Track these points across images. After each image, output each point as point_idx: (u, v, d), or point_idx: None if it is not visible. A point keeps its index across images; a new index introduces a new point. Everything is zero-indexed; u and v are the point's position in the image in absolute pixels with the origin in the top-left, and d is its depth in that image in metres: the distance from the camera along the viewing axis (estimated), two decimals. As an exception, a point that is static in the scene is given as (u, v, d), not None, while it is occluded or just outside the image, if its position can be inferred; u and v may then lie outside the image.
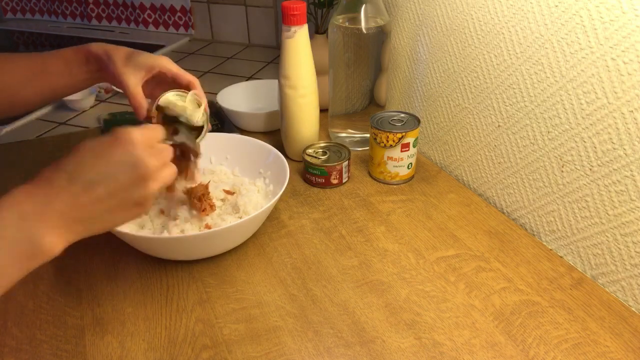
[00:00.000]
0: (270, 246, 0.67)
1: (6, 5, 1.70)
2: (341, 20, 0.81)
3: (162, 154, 0.48)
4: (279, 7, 1.20)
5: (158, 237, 0.60)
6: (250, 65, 1.33)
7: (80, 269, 0.64)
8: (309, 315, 0.57)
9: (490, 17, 0.68)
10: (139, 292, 0.61)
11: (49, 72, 0.65)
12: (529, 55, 0.63)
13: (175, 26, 1.54)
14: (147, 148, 0.46)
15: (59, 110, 1.09)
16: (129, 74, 0.60)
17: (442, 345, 0.53)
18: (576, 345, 0.53)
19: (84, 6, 1.60)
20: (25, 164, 0.88)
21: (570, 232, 0.64)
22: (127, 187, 0.44)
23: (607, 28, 0.53)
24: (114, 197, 0.44)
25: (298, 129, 0.83)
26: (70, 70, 0.64)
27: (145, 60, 0.61)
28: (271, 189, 0.72)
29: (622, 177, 0.56)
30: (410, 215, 0.73)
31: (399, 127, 0.77)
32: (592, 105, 0.57)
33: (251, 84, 1.04)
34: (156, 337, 0.55)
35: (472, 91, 0.75)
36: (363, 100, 0.87)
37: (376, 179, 0.81)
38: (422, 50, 0.83)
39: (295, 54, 0.77)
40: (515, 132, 0.69)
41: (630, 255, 0.57)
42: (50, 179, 0.43)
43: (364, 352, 0.52)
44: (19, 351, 0.53)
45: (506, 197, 0.74)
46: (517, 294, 0.59)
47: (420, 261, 0.64)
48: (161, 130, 0.51)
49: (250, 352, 0.53)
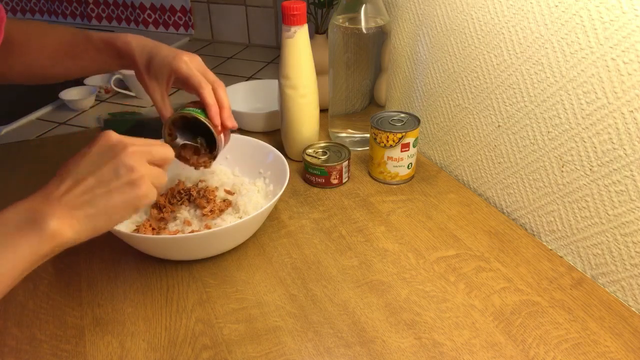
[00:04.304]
0: (270, 246, 0.67)
1: (6, 5, 1.70)
2: (341, 20, 0.81)
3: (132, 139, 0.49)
4: (279, 7, 1.20)
5: (158, 237, 0.60)
6: (250, 65, 1.33)
7: (80, 269, 0.64)
8: (309, 315, 0.57)
9: (490, 17, 0.68)
10: (139, 292, 0.61)
11: (81, 57, 0.68)
12: (529, 55, 0.63)
13: (175, 26, 1.54)
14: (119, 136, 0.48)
15: (59, 110, 1.09)
16: (153, 87, 0.64)
17: (442, 345, 0.53)
18: (576, 345, 0.53)
19: (84, 6, 1.60)
20: (25, 164, 0.88)
21: (570, 232, 0.64)
22: (110, 170, 0.46)
23: (607, 28, 0.53)
24: (102, 180, 0.45)
25: (298, 129, 0.83)
26: (102, 58, 0.67)
27: (163, 66, 0.63)
28: (271, 189, 0.72)
29: (622, 177, 0.56)
30: (410, 215, 0.73)
31: (399, 127, 0.77)
32: (592, 105, 0.57)
33: (251, 84, 1.04)
34: (156, 337, 0.55)
35: (472, 91, 0.75)
36: (363, 100, 0.87)
37: (376, 179, 0.81)
38: (422, 50, 0.83)
39: (295, 54, 0.77)
40: (515, 132, 0.69)
41: (630, 255, 0.57)
42: (44, 188, 0.45)
43: (364, 352, 0.52)
44: (19, 351, 0.53)
45: (506, 197, 0.74)
46: (517, 294, 0.59)
47: (420, 261, 0.64)
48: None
49: (250, 352, 0.53)
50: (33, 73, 0.70)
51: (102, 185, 0.45)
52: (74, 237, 0.44)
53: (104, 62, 0.68)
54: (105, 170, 0.46)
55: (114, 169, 0.46)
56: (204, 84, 0.62)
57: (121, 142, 0.47)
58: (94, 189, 0.45)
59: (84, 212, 0.44)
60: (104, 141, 0.47)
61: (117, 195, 0.46)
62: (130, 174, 0.46)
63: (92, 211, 0.45)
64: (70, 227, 0.44)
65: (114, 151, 0.46)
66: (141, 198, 0.47)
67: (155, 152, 0.49)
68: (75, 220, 0.44)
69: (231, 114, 0.64)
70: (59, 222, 0.43)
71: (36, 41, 0.68)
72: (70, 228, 0.44)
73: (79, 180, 0.45)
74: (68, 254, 0.67)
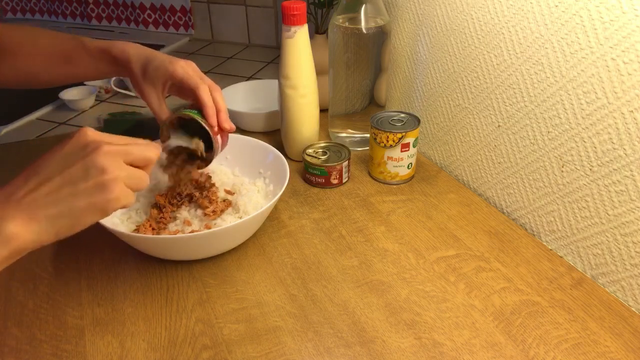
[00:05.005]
0: (270, 246, 0.67)
1: (6, 5, 1.70)
2: (341, 20, 0.81)
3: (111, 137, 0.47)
4: (279, 7, 1.20)
5: (158, 237, 0.60)
6: (250, 65, 1.33)
7: (80, 269, 0.64)
8: (309, 315, 0.57)
9: (490, 17, 0.68)
10: (139, 292, 0.61)
11: (76, 63, 0.67)
12: (529, 55, 0.63)
13: (175, 26, 1.54)
14: (97, 133, 0.46)
15: (59, 110, 1.09)
16: (149, 92, 0.64)
17: (442, 345, 0.53)
18: (576, 345, 0.53)
19: (84, 6, 1.60)
20: (25, 164, 0.87)
21: (570, 232, 0.64)
22: (80, 169, 0.43)
23: (607, 28, 0.53)
24: (70, 180, 0.43)
25: (298, 129, 0.83)
26: (97, 66, 0.67)
27: (159, 70, 0.63)
28: (271, 189, 0.72)
29: (622, 177, 0.56)
30: (410, 215, 0.73)
31: (399, 127, 0.77)
32: (592, 105, 0.57)
33: (251, 84, 1.04)
34: (156, 337, 0.55)
35: (472, 91, 0.75)
36: (363, 100, 0.87)
37: (376, 179, 0.81)
38: (422, 50, 0.83)
39: (295, 54, 0.77)
40: (515, 132, 0.69)
41: (630, 255, 0.57)
42: (10, 184, 0.43)
43: (364, 352, 0.52)
44: (19, 351, 0.53)
45: (506, 197, 0.74)
46: (517, 294, 0.59)
47: (420, 261, 0.64)
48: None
49: (250, 352, 0.53)
50: (25, 78, 0.69)
51: (68, 185, 0.43)
52: (34, 240, 0.42)
53: (98, 69, 0.67)
54: (74, 170, 0.43)
55: (84, 169, 0.43)
56: (200, 84, 0.62)
57: (95, 140, 0.44)
58: (59, 190, 0.42)
59: (46, 212, 0.42)
60: (77, 139, 0.44)
61: (84, 198, 0.43)
62: (100, 175, 0.43)
63: (55, 212, 0.42)
64: (30, 230, 0.41)
65: (85, 150, 0.44)
66: (111, 202, 0.44)
67: (135, 151, 0.46)
68: (35, 222, 0.41)
69: (228, 117, 0.64)
70: (17, 225, 0.41)
71: (29, 46, 0.67)
72: (30, 231, 0.41)
73: (44, 180, 0.43)
74: (68, 253, 0.67)
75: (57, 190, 0.42)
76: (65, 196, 0.42)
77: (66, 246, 0.68)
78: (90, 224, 0.44)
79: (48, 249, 0.67)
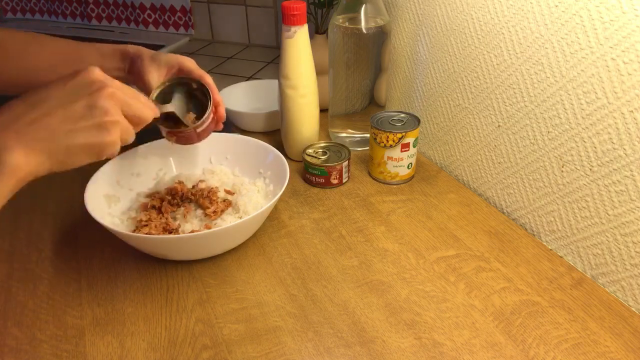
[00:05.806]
0: (270, 246, 0.67)
1: (6, 5, 1.70)
2: (341, 20, 0.81)
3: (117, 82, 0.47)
4: (279, 7, 1.20)
5: (158, 237, 0.60)
6: (250, 65, 1.33)
7: (80, 269, 0.64)
8: (309, 315, 0.57)
9: (490, 17, 0.68)
10: (139, 292, 0.60)
11: (83, 60, 0.67)
12: (529, 55, 0.63)
13: (175, 26, 1.54)
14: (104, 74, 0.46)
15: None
16: (153, 72, 0.64)
17: (442, 345, 0.53)
18: (576, 345, 0.53)
19: (84, 6, 1.60)
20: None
21: (570, 232, 0.64)
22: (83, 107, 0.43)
23: (607, 28, 0.53)
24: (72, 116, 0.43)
25: (298, 129, 0.83)
26: (104, 63, 0.66)
27: (168, 59, 0.65)
28: (271, 189, 0.72)
29: (622, 177, 0.56)
30: (410, 215, 0.73)
31: (399, 127, 0.77)
32: (592, 105, 0.57)
33: (251, 84, 1.04)
34: (156, 337, 0.55)
35: (472, 91, 0.75)
36: (363, 100, 0.87)
37: (376, 179, 0.81)
38: (422, 50, 0.83)
39: (295, 54, 0.77)
40: (515, 132, 0.69)
41: (630, 255, 0.57)
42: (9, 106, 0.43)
43: (364, 352, 0.52)
44: (19, 351, 0.53)
45: (506, 197, 0.74)
46: (517, 294, 0.59)
47: (420, 261, 0.64)
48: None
49: (250, 352, 0.53)
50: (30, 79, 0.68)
51: (69, 121, 0.42)
52: (31, 172, 0.42)
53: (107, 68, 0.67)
54: (77, 107, 0.43)
55: (87, 106, 0.43)
56: (205, 73, 0.65)
57: (101, 80, 0.44)
58: (60, 125, 0.42)
59: (44, 146, 0.42)
60: (84, 75, 0.44)
61: (83, 137, 0.43)
62: (102, 116, 0.43)
63: (53, 147, 0.42)
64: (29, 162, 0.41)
65: (91, 88, 0.44)
66: (108, 145, 0.44)
67: (135, 106, 0.47)
68: (33, 155, 0.41)
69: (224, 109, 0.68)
70: (20, 156, 0.41)
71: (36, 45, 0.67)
72: (29, 163, 0.41)
73: (46, 113, 0.42)
74: (68, 253, 0.67)
75: (58, 125, 0.42)
76: (65, 132, 0.42)
77: (66, 246, 0.68)
78: (80, 165, 0.44)
79: (48, 249, 0.67)
